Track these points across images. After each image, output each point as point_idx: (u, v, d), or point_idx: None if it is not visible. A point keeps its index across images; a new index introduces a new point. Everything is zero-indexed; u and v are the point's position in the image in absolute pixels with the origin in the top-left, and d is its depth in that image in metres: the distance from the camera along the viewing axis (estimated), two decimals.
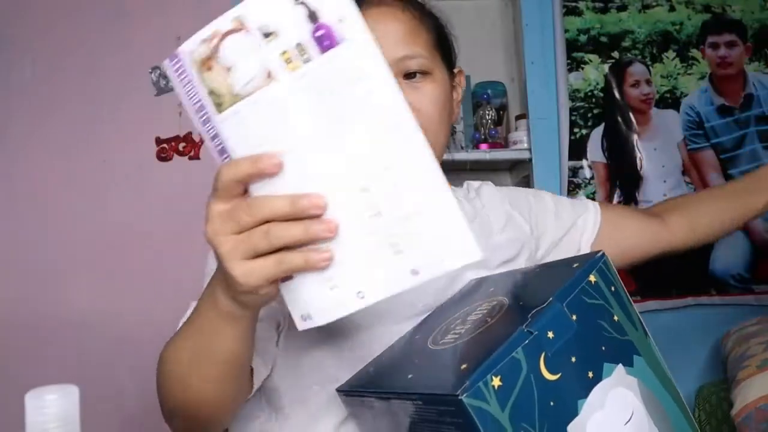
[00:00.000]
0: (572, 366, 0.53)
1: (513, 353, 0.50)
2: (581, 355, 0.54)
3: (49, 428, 0.44)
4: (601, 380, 0.54)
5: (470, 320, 0.61)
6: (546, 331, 0.52)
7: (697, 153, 2.00)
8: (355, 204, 0.48)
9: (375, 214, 0.48)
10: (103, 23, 1.88)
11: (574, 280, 0.57)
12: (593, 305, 0.57)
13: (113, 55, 1.87)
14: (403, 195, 0.47)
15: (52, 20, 1.88)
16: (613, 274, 0.60)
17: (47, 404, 0.44)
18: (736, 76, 2.01)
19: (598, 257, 0.59)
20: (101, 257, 1.84)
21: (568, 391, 0.52)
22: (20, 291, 1.79)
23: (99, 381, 1.75)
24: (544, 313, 0.53)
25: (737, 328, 1.76)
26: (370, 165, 0.47)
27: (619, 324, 0.58)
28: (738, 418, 1.40)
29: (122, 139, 1.87)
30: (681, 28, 2.01)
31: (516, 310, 0.58)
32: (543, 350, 0.52)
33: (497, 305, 0.61)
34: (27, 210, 1.83)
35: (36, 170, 1.85)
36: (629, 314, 0.59)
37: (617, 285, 0.59)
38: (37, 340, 1.78)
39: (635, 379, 0.57)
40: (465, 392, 0.47)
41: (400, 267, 0.48)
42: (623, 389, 0.56)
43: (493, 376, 0.48)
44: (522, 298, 0.61)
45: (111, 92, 1.86)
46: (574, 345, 0.54)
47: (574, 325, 0.54)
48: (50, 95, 1.86)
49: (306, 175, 0.49)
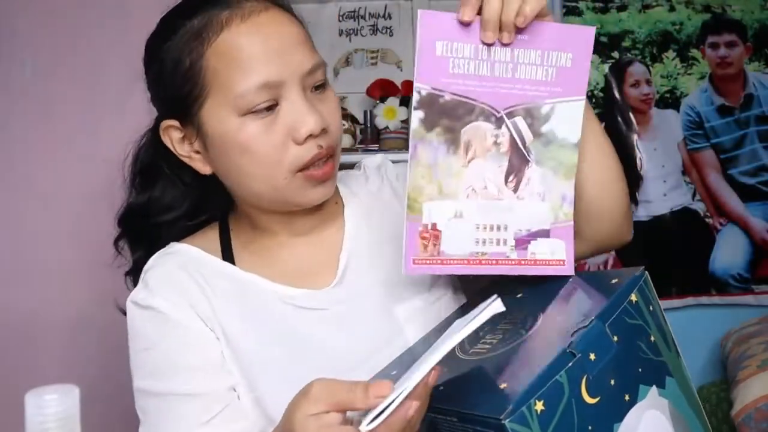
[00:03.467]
0: (611, 389, 0.52)
1: (557, 376, 0.49)
2: (619, 378, 0.53)
3: (49, 428, 0.44)
4: (636, 403, 0.53)
5: (501, 329, 0.60)
6: (588, 352, 0.51)
7: (697, 153, 2.00)
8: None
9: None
10: (104, 23, 1.88)
11: (616, 299, 0.55)
12: (633, 326, 0.56)
13: (113, 55, 1.86)
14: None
15: (52, 20, 1.87)
16: (652, 291, 0.58)
17: (47, 404, 0.44)
18: (736, 76, 2.01)
19: (638, 275, 0.58)
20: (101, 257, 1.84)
21: (605, 415, 0.51)
22: (20, 290, 1.79)
23: (99, 381, 1.75)
24: (587, 333, 0.52)
25: (737, 328, 1.77)
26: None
27: (655, 345, 0.57)
28: (738, 418, 1.40)
29: (122, 140, 1.87)
30: (681, 28, 2.01)
31: (554, 326, 0.56)
32: (585, 373, 0.51)
33: (530, 316, 0.59)
34: (27, 210, 1.83)
35: (36, 170, 1.85)
36: (664, 334, 0.58)
37: (655, 304, 0.58)
38: (37, 340, 1.78)
39: (666, 401, 0.56)
40: (509, 417, 0.46)
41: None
42: (656, 412, 0.55)
43: (536, 400, 0.47)
44: (558, 311, 0.59)
45: (111, 92, 1.86)
46: (614, 367, 0.53)
47: (615, 346, 0.53)
48: (50, 95, 1.86)
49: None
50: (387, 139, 1.84)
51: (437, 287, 0.80)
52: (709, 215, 1.99)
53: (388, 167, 0.90)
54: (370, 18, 2.03)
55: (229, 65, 0.69)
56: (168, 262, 0.77)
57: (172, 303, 0.73)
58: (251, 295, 0.76)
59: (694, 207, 1.99)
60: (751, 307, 1.94)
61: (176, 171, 0.82)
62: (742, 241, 1.99)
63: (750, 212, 1.99)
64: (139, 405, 0.75)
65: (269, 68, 0.69)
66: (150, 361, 0.74)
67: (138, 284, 0.77)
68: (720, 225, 1.99)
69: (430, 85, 0.62)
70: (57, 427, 0.44)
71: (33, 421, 0.44)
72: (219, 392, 0.72)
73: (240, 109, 0.69)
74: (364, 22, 2.02)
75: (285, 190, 0.73)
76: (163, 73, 0.75)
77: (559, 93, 0.66)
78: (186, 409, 0.71)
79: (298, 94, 0.71)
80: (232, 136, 0.70)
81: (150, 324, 0.74)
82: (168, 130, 0.77)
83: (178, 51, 0.72)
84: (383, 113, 1.82)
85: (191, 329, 0.73)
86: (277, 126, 0.70)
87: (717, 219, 1.99)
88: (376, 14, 2.03)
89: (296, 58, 0.71)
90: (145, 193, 0.83)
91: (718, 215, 1.99)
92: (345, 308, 0.76)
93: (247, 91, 0.68)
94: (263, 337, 0.74)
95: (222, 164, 0.74)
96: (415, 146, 0.63)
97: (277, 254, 0.80)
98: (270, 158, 0.70)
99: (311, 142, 0.71)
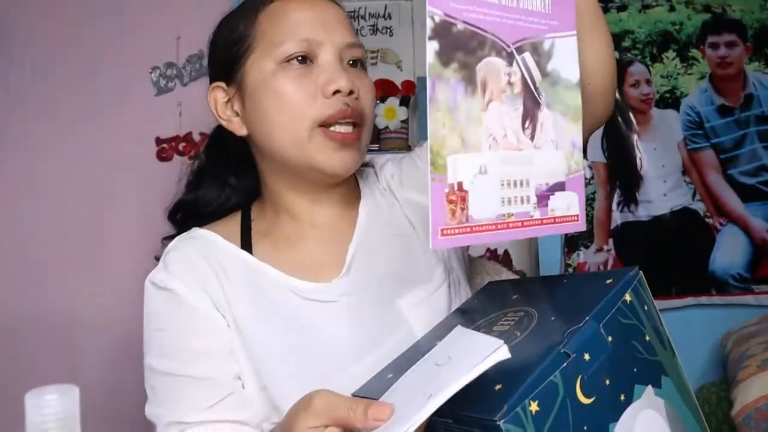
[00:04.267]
0: (606, 389, 0.52)
1: (551, 377, 0.49)
2: (614, 378, 0.53)
3: (49, 428, 0.44)
4: (632, 402, 0.53)
5: (497, 331, 0.59)
6: (583, 352, 0.51)
7: (697, 153, 2.00)
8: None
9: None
10: (104, 23, 1.88)
11: (610, 299, 0.55)
12: (628, 325, 0.56)
13: (113, 55, 1.86)
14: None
15: (52, 20, 1.87)
16: (646, 291, 0.58)
17: (47, 404, 0.44)
18: (736, 76, 2.01)
19: (633, 274, 0.58)
20: (101, 257, 1.84)
21: (601, 414, 0.51)
22: (20, 290, 1.79)
23: (99, 381, 1.75)
24: (581, 333, 0.52)
25: (737, 328, 1.77)
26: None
27: (650, 344, 0.57)
28: (738, 418, 1.40)
29: (122, 139, 1.87)
30: (681, 28, 2.01)
31: (548, 327, 0.56)
32: (580, 373, 0.50)
33: (525, 317, 0.59)
34: (27, 210, 1.83)
35: (36, 170, 1.85)
36: (659, 333, 0.58)
37: (650, 303, 0.58)
38: (37, 340, 1.78)
39: (662, 401, 0.56)
40: (503, 417, 0.46)
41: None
42: (651, 411, 0.55)
43: (531, 401, 0.47)
44: (553, 312, 0.59)
45: (111, 92, 1.86)
46: (609, 367, 0.53)
47: (610, 346, 0.53)
48: (50, 95, 1.86)
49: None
50: (387, 139, 1.84)
51: (438, 274, 0.82)
52: (709, 215, 1.99)
53: (386, 167, 0.92)
54: (370, 18, 2.03)
55: (276, 24, 0.77)
56: (188, 246, 0.81)
57: (189, 287, 0.77)
58: (264, 285, 0.79)
59: (694, 207, 1.99)
60: (751, 307, 1.94)
61: (220, 175, 0.89)
62: (742, 241, 1.99)
63: (750, 212, 1.99)
64: (149, 382, 0.77)
65: (313, 29, 0.77)
66: (161, 342, 0.77)
67: (159, 264, 0.81)
68: (720, 225, 1.99)
69: (443, 10, 0.55)
70: (57, 427, 0.44)
71: (33, 421, 0.44)
72: (225, 379, 0.75)
73: (279, 57, 0.76)
74: (364, 22, 2.02)
75: (308, 145, 0.76)
76: (222, 39, 0.82)
77: (556, 27, 0.62)
78: (192, 392, 0.74)
79: (333, 57, 0.77)
80: (267, 82, 0.76)
81: (165, 305, 0.77)
82: (214, 92, 0.82)
83: (237, 19, 0.81)
84: (383, 113, 1.82)
85: (204, 315, 0.76)
86: (309, 79, 0.76)
87: (717, 219, 1.99)
88: (376, 14, 2.03)
89: (339, 31, 0.78)
90: (192, 192, 0.90)
91: (718, 215, 1.99)
92: (351, 300, 0.78)
93: (288, 41, 0.76)
94: (274, 326, 0.76)
95: (255, 116, 0.78)
96: (433, 85, 0.55)
97: (293, 244, 0.82)
98: (297, 106, 0.75)
99: (338, 98, 0.75)
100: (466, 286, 0.88)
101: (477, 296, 0.74)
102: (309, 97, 0.75)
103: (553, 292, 0.65)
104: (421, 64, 2.07)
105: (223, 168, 0.89)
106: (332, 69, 0.76)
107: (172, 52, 1.91)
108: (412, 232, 0.85)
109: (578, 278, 0.66)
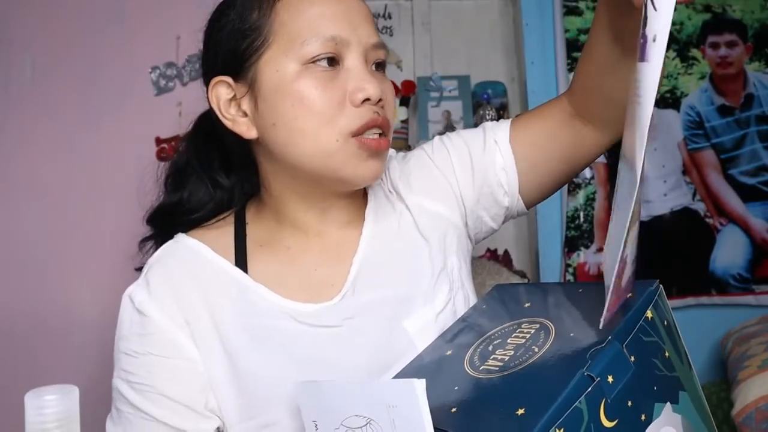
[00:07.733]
0: (628, 410, 0.51)
1: (576, 403, 0.48)
2: (636, 398, 0.52)
3: (49, 428, 0.44)
4: (652, 422, 0.53)
5: (512, 344, 0.58)
6: (606, 375, 0.50)
7: (697, 153, 2.00)
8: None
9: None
10: (103, 23, 1.88)
11: (632, 316, 0.54)
12: (649, 343, 0.55)
13: (113, 55, 1.86)
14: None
15: (52, 20, 1.87)
16: (666, 305, 0.57)
17: (47, 404, 0.44)
18: (736, 76, 2.01)
19: (653, 289, 0.57)
20: (101, 257, 1.84)
21: None
22: (20, 291, 1.79)
23: (99, 381, 1.75)
24: (604, 354, 0.50)
25: (737, 328, 1.76)
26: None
27: (669, 360, 0.56)
28: (738, 418, 1.39)
29: (122, 139, 1.87)
30: (681, 28, 2.01)
31: (568, 344, 0.54)
32: (604, 397, 0.49)
33: (541, 330, 0.58)
34: (26, 210, 1.83)
35: (35, 170, 1.85)
36: (677, 348, 0.57)
37: (669, 317, 0.57)
38: (37, 340, 1.78)
39: (679, 416, 0.55)
40: None
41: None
42: (671, 429, 0.54)
43: (557, 428, 0.46)
44: (571, 327, 0.57)
45: (111, 92, 1.86)
46: (631, 388, 0.51)
47: (632, 366, 0.52)
48: (50, 95, 1.86)
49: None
50: None
51: (441, 294, 0.77)
52: (710, 215, 1.99)
53: (391, 165, 0.86)
54: None
55: (298, 17, 0.70)
56: (173, 263, 0.75)
57: (169, 317, 0.71)
58: (259, 310, 0.73)
59: (695, 207, 1.99)
60: (751, 307, 1.94)
61: (207, 172, 0.82)
62: (742, 241, 1.98)
63: (750, 212, 1.99)
64: (115, 402, 0.73)
65: (339, 26, 0.70)
66: (130, 368, 0.72)
67: (140, 278, 0.75)
68: (720, 225, 1.99)
69: None
70: (57, 427, 0.44)
71: (33, 421, 0.44)
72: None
73: (303, 57, 0.69)
74: None
75: (337, 155, 0.70)
76: (227, 27, 0.73)
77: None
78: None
79: (360, 60, 0.71)
80: (288, 84, 0.69)
81: (139, 330, 0.72)
82: (217, 88, 0.74)
83: (248, 7, 0.72)
84: None
85: (180, 354, 0.71)
86: (337, 84, 0.70)
87: (717, 219, 1.99)
88: (376, 14, 2.03)
89: (365, 29, 0.72)
90: (176, 193, 0.83)
91: (719, 215, 1.99)
92: (355, 324, 0.73)
93: (313, 39, 0.69)
94: (271, 355, 0.70)
95: (271, 120, 0.71)
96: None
97: (294, 257, 0.77)
98: (325, 114, 0.69)
99: (368, 107, 0.70)
100: (474, 300, 0.82)
101: (486, 301, 0.72)
102: (336, 105, 0.69)
103: (569, 303, 0.63)
104: (421, 64, 2.07)
105: (210, 164, 0.81)
106: (361, 74, 0.70)
107: (172, 52, 1.91)
108: (422, 244, 0.79)
109: (594, 288, 0.63)
